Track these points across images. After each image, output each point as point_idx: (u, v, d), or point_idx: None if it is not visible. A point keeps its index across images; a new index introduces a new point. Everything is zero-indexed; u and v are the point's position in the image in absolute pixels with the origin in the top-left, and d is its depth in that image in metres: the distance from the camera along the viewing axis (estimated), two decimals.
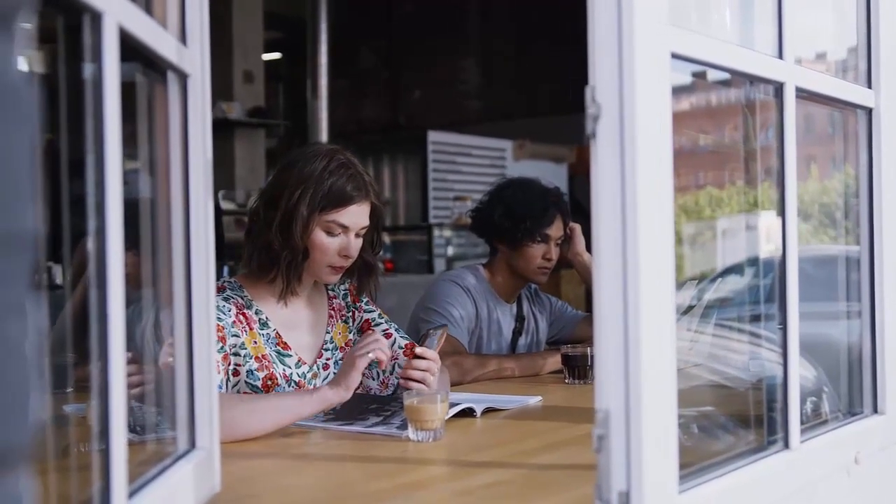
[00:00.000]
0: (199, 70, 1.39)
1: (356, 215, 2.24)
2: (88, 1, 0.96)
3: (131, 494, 1.09)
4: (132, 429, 1.21)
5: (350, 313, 2.44)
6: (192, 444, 1.38)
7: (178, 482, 1.27)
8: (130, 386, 1.13)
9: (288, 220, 2.20)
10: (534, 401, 2.38)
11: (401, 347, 2.39)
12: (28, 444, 0.57)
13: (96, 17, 0.99)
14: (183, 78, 1.36)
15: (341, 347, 2.39)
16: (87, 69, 1.01)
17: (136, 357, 1.32)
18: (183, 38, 1.36)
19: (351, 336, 2.42)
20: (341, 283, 2.44)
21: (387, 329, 2.42)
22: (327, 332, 2.38)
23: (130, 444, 1.06)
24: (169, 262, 1.37)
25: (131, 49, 1.11)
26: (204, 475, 1.38)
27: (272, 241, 2.21)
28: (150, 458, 1.32)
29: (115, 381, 1.02)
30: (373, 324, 2.43)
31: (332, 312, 2.41)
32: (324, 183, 2.19)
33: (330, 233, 2.23)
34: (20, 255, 0.55)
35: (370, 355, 2.02)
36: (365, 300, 2.46)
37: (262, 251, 2.24)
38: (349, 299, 2.45)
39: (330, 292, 2.43)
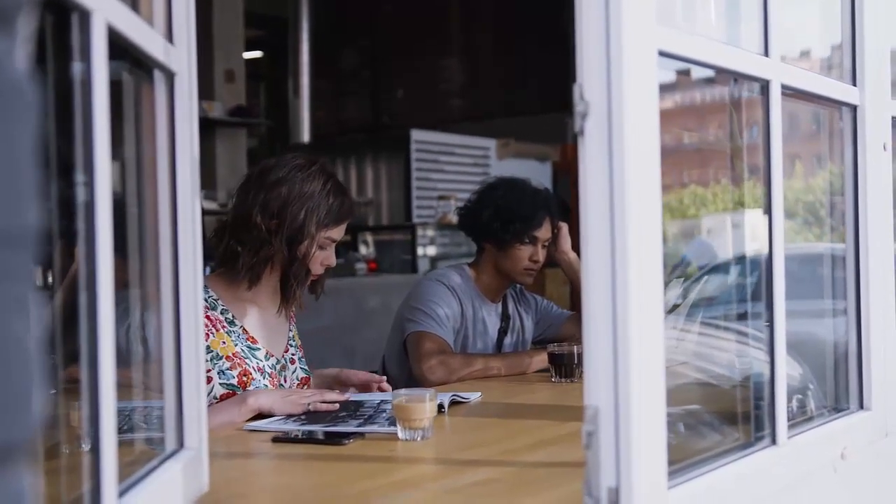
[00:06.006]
0: (185, 69, 1.38)
1: (344, 229, 2.35)
2: None
3: (121, 494, 1.08)
4: (119, 429, 1.20)
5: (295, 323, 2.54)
6: (181, 444, 1.38)
7: (167, 482, 1.27)
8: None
9: (297, 237, 2.25)
10: (473, 397, 2.38)
11: (297, 379, 2.44)
12: (31, 440, 0.57)
13: (85, 16, 0.99)
14: (170, 77, 1.35)
15: (300, 346, 2.49)
16: (76, 67, 1.00)
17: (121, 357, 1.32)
18: (170, 36, 1.35)
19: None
20: None
21: (294, 355, 2.49)
22: (290, 330, 2.46)
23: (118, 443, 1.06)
24: (155, 262, 1.36)
25: (118, 47, 1.10)
26: (192, 475, 1.38)
27: (275, 255, 2.26)
28: (138, 458, 1.31)
29: (104, 383, 1.01)
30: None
31: (291, 314, 2.49)
32: (328, 202, 2.27)
33: (322, 247, 2.30)
34: (23, 251, 0.55)
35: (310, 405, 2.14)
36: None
37: (263, 263, 2.27)
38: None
39: None
